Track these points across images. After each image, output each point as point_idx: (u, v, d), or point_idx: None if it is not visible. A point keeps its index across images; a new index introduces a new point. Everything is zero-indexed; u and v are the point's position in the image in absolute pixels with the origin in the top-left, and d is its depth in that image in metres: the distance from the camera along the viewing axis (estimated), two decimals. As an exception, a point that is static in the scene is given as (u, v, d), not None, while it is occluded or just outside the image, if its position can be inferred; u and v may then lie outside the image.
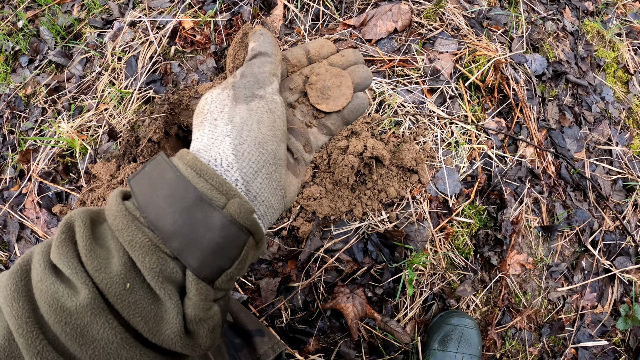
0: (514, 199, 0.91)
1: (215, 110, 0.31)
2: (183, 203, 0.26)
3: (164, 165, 0.28)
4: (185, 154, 0.29)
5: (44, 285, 0.25)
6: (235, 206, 0.27)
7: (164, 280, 0.25)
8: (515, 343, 0.89)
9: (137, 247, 0.25)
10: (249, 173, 0.29)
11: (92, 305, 0.24)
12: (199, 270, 0.26)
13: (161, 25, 1.03)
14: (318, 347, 0.80)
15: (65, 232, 0.26)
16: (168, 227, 0.26)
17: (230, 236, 0.26)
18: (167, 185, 0.27)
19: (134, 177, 0.29)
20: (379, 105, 0.92)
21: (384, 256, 0.82)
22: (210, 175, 0.27)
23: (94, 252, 0.25)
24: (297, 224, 0.81)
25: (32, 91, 1.10)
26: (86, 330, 0.24)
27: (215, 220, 0.26)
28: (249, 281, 0.82)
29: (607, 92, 1.10)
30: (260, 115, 0.31)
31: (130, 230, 0.26)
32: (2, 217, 1.00)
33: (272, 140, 0.30)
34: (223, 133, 0.29)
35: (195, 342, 0.27)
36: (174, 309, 0.25)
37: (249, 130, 0.30)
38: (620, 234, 0.99)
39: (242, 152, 0.29)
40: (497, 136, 0.94)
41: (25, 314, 0.24)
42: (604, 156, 1.03)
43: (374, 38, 0.96)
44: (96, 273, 0.25)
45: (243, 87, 0.32)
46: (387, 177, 0.82)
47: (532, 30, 1.07)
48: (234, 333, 0.56)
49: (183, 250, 0.26)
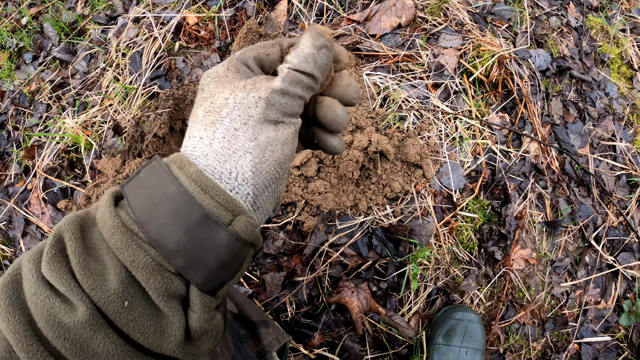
0: (518, 194, 0.91)
1: (237, 120, 0.28)
2: (188, 222, 0.25)
3: (162, 174, 0.27)
4: (186, 164, 0.27)
5: (39, 299, 0.24)
6: (242, 224, 0.26)
7: (169, 298, 0.25)
8: (519, 338, 0.89)
9: (140, 267, 0.25)
10: (260, 188, 0.29)
11: (90, 322, 0.24)
12: (204, 285, 0.25)
13: (165, 21, 1.03)
14: (323, 341, 0.80)
15: (55, 246, 0.25)
16: (172, 245, 0.25)
17: (235, 253, 0.26)
18: (170, 200, 0.26)
19: (128, 184, 0.27)
20: (383, 100, 0.92)
21: (389, 250, 0.83)
22: (217, 191, 0.26)
23: (89, 269, 0.24)
24: (302, 218, 0.82)
25: (36, 87, 1.10)
26: (86, 345, 0.24)
27: (222, 239, 0.26)
28: (254, 275, 0.83)
29: (611, 88, 1.10)
30: (286, 137, 0.30)
31: (132, 250, 0.25)
32: (7, 213, 1.01)
33: (290, 159, 0.30)
34: (244, 148, 0.28)
35: (197, 349, 0.27)
36: (177, 322, 0.25)
37: (273, 151, 0.29)
38: (623, 229, 0.99)
39: (261, 171, 0.28)
40: (501, 131, 0.94)
41: (23, 327, 0.24)
42: (607, 152, 1.03)
43: (378, 33, 0.96)
44: (92, 292, 0.24)
45: (277, 108, 0.29)
46: (392, 171, 0.83)
47: (536, 26, 1.06)
48: (238, 324, 0.56)
49: (187, 268, 0.25)
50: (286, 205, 0.84)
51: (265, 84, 0.30)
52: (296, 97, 0.30)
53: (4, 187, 1.03)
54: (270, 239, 0.83)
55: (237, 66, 0.32)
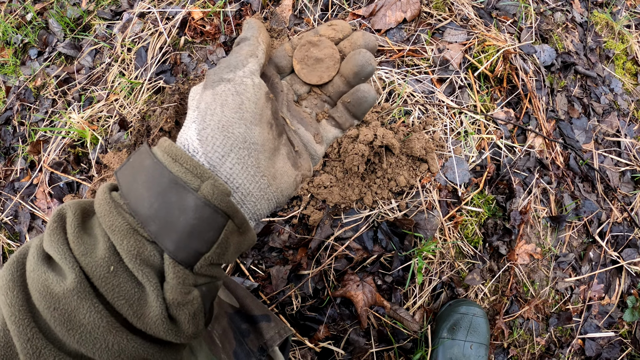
0: (522, 189, 0.91)
1: (191, 101, 0.31)
2: (159, 187, 0.26)
3: (145, 154, 0.28)
4: (163, 141, 0.29)
5: (36, 274, 0.25)
6: (208, 187, 0.26)
7: (142, 263, 0.25)
8: (523, 332, 0.90)
9: (116, 230, 0.26)
10: (214, 157, 0.28)
11: (78, 289, 0.24)
12: (176, 253, 0.26)
13: (170, 16, 1.03)
14: (328, 335, 0.81)
15: (57, 222, 0.27)
16: (145, 211, 0.26)
17: (204, 218, 0.26)
18: (145, 171, 0.27)
19: (120, 169, 0.29)
20: (388, 94, 0.92)
21: (394, 244, 0.83)
22: (185, 159, 0.27)
23: (82, 238, 0.26)
24: (308, 212, 0.82)
25: (41, 83, 1.11)
26: (73, 315, 0.24)
27: (189, 202, 0.26)
28: (260, 269, 0.83)
29: (616, 84, 1.09)
30: (225, 98, 0.30)
31: (112, 216, 0.26)
32: (13, 207, 1.01)
33: (239, 123, 0.29)
34: (190, 119, 0.30)
35: (178, 328, 0.27)
36: (154, 292, 0.25)
37: (212, 114, 0.29)
38: (628, 225, 0.99)
39: (206, 137, 0.28)
40: (506, 126, 0.94)
41: (19, 302, 0.24)
42: (612, 148, 1.03)
43: (383, 28, 0.96)
44: (82, 257, 0.25)
45: (212, 73, 0.31)
46: (397, 166, 0.83)
47: (541, 21, 1.06)
48: (240, 319, 0.56)
49: (159, 234, 0.26)
50: (292, 199, 0.84)
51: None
52: (230, 57, 0.32)
53: (10, 182, 1.03)
54: (275, 232, 0.83)
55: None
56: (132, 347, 0.26)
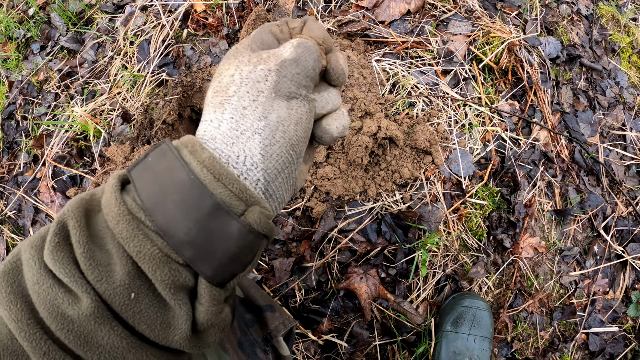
0: (527, 182, 0.91)
1: (246, 97, 0.26)
2: (198, 212, 0.24)
3: (172, 159, 0.25)
4: (199, 148, 0.25)
5: (41, 289, 0.23)
6: (255, 215, 0.25)
7: (176, 291, 0.24)
8: (527, 326, 0.89)
9: (146, 258, 0.23)
10: (272, 174, 0.27)
11: (95, 315, 0.23)
12: (213, 278, 0.24)
13: (173, 9, 1.03)
14: (331, 327, 0.81)
15: (58, 234, 0.24)
16: (180, 236, 0.24)
17: (247, 245, 0.25)
18: (179, 188, 0.24)
19: (135, 168, 0.26)
20: (392, 86, 0.91)
21: (398, 237, 0.82)
22: (230, 180, 0.25)
23: (94, 259, 0.23)
24: (311, 204, 0.82)
25: (44, 77, 1.11)
26: (90, 337, 0.23)
27: (233, 230, 0.24)
28: (263, 261, 0.83)
29: (621, 77, 1.08)
30: (300, 115, 0.28)
31: (138, 240, 0.23)
32: (17, 201, 1.02)
33: (304, 141, 0.28)
34: (252, 129, 0.26)
35: (203, 342, 0.26)
36: (184, 315, 0.24)
37: (284, 131, 0.27)
38: (633, 220, 0.98)
39: (272, 154, 0.26)
40: (510, 119, 0.94)
41: (25, 316, 0.23)
42: (617, 141, 1.02)
43: (387, 19, 0.95)
44: (98, 284, 0.23)
45: (290, 79, 0.27)
46: (401, 158, 0.82)
47: (546, 13, 1.05)
48: (244, 308, 0.56)
49: (196, 260, 0.24)
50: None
51: (275, 55, 0.28)
52: (309, 67, 0.28)
53: (14, 177, 1.04)
54: (279, 224, 0.83)
55: (253, 41, 0.30)
56: None
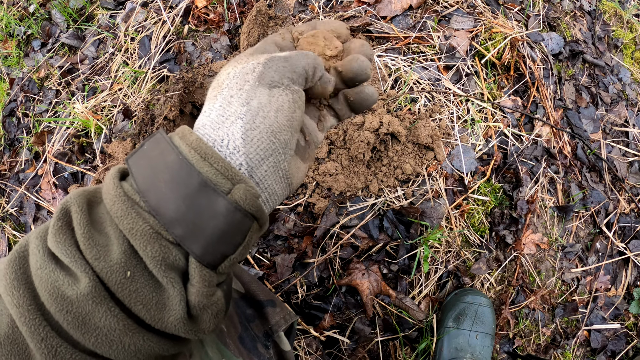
0: (529, 178, 0.91)
1: (234, 87, 0.29)
2: (186, 189, 0.25)
3: (164, 145, 0.26)
4: (188, 133, 0.27)
5: (44, 273, 0.24)
6: (241, 192, 0.25)
7: (167, 268, 0.25)
8: (529, 323, 0.89)
9: (138, 235, 0.24)
10: (254, 159, 0.28)
11: (92, 294, 0.23)
12: (203, 257, 0.25)
13: (174, 5, 1.03)
14: (333, 323, 0.80)
15: (61, 219, 0.25)
16: (170, 214, 0.25)
17: (235, 223, 0.26)
18: (169, 168, 0.25)
19: (132, 156, 0.27)
20: (394, 81, 0.91)
21: (400, 233, 0.82)
22: (215, 158, 0.26)
23: (93, 239, 0.24)
24: (313, 200, 0.81)
25: (45, 74, 1.11)
26: (88, 319, 0.24)
27: (220, 207, 0.25)
28: (265, 257, 0.83)
29: (624, 74, 1.08)
30: (281, 103, 0.29)
31: (131, 218, 0.25)
32: (18, 199, 1.02)
33: (287, 130, 0.29)
34: (236, 114, 0.28)
35: (198, 327, 0.26)
36: (177, 296, 0.25)
37: (264, 117, 0.28)
38: (635, 216, 0.98)
39: (252, 138, 0.27)
40: (513, 114, 0.93)
41: (27, 302, 0.24)
42: (620, 138, 1.02)
43: (389, 15, 0.95)
44: (96, 262, 0.24)
45: (275, 70, 0.29)
46: (403, 153, 0.82)
47: (549, 9, 1.05)
48: (245, 304, 0.56)
49: (186, 238, 0.25)
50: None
51: (269, 54, 0.30)
52: (298, 65, 0.30)
53: (15, 174, 1.04)
54: (281, 220, 0.82)
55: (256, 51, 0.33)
56: (149, 346, 0.25)
